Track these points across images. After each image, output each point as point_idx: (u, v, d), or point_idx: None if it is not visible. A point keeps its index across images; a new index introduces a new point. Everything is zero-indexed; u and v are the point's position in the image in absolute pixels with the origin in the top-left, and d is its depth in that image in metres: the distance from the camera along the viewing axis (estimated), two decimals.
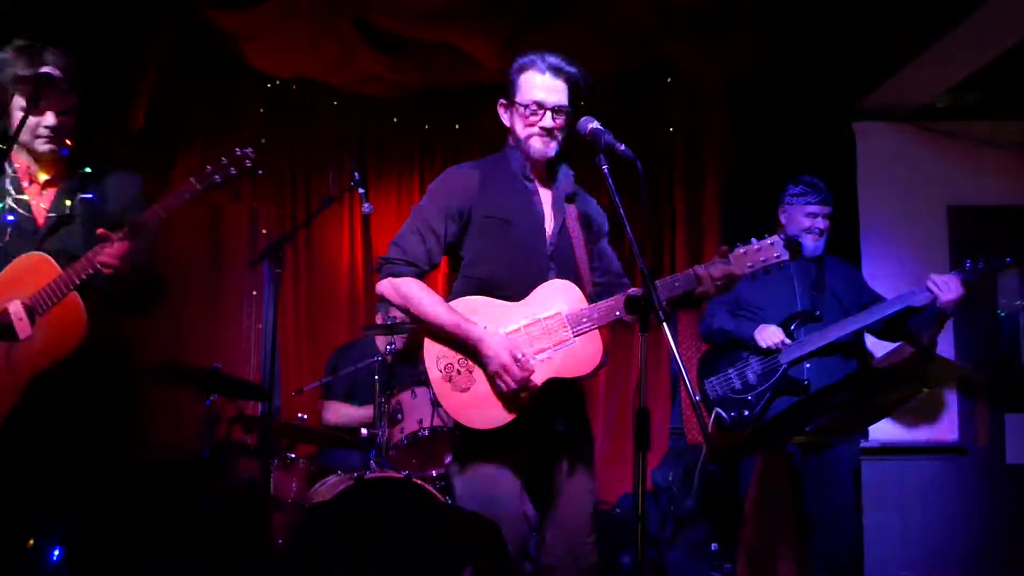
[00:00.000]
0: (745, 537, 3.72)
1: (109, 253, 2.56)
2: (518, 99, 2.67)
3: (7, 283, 2.60)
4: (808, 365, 3.74)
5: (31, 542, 2.78)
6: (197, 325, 5.29)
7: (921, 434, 4.77)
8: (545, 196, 2.72)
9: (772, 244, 2.55)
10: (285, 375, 5.46)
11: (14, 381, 2.55)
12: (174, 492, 4.02)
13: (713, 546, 4.53)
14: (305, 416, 4.41)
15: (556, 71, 2.63)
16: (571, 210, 2.72)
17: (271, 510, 3.92)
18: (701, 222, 5.35)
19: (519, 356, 2.50)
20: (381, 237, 5.76)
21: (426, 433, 4.13)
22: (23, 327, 2.56)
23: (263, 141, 3.84)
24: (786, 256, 2.55)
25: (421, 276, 2.66)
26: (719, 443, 3.79)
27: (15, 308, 2.57)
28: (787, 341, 3.73)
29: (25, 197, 2.71)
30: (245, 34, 4.94)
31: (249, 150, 2.67)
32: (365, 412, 4.73)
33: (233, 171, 2.65)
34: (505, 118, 2.74)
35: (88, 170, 2.79)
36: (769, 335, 3.75)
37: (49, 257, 2.61)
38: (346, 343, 5.25)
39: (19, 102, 2.65)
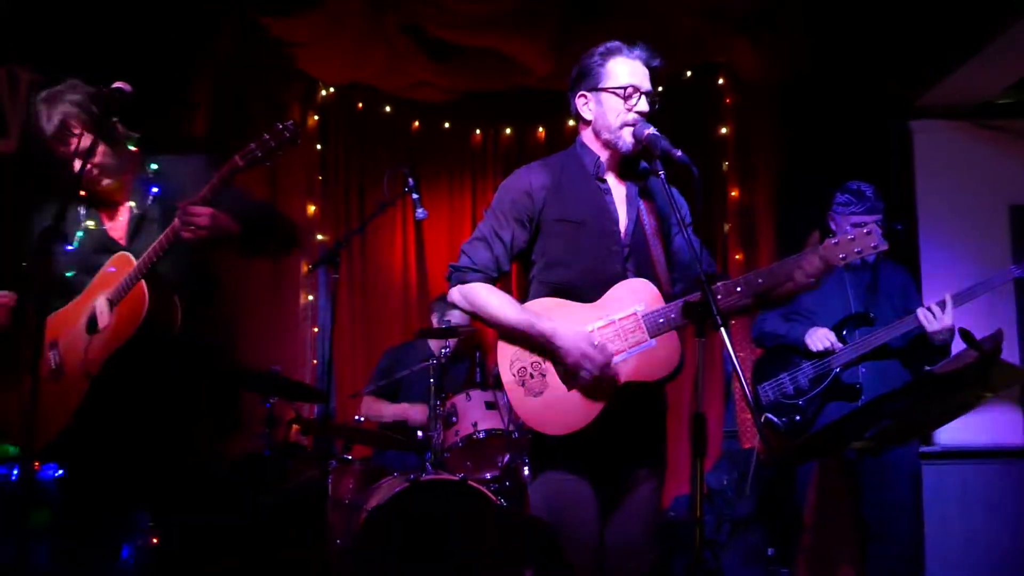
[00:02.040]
0: (805, 543, 3.68)
1: (184, 212, 2.60)
2: (608, 84, 2.55)
3: (98, 284, 2.76)
4: (863, 370, 3.70)
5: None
6: (255, 329, 5.39)
7: (984, 437, 4.68)
8: (619, 193, 2.62)
9: (869, 233, 2.40)
10: (340, 378, 5.54)
11: (88, 368, 2.69)
12: (238, 490, 4.10)
13: (769, 551, 4.49)
14: (361, 418, 4.48)
15: (644, 59, 2.57)
16: (645, 205, 2.62)
17: (329, 511, 3.99)
18: (754, 222, 5.30)
19: (595, 342, 2.43)
20: (433, 241, 5.84)
21: (481, 435, 4.16)
22: (103, 318, 2.70)
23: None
24: (885, 246, 2.40)
25: (491, 282, 2.60)
26: (775, 448, 3.76)
27: (100, 304, 2.71)
28: (838, 344, 3.69)
29: (92, 224, 2.81)
30: (297, 41, 5.04)
31: (290, 123, 2.63)
32: (398, 409, 4.77)
33: (273, 144, 2.61)
34: (586, 110, 2.62)
35: (155, 167, 2.85)
36: (820, 338, 3.71)
37: (130, 255, 2.72)
38: (396, 345, 5.32)
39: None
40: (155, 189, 2.78)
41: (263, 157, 2.61)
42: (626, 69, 2.56)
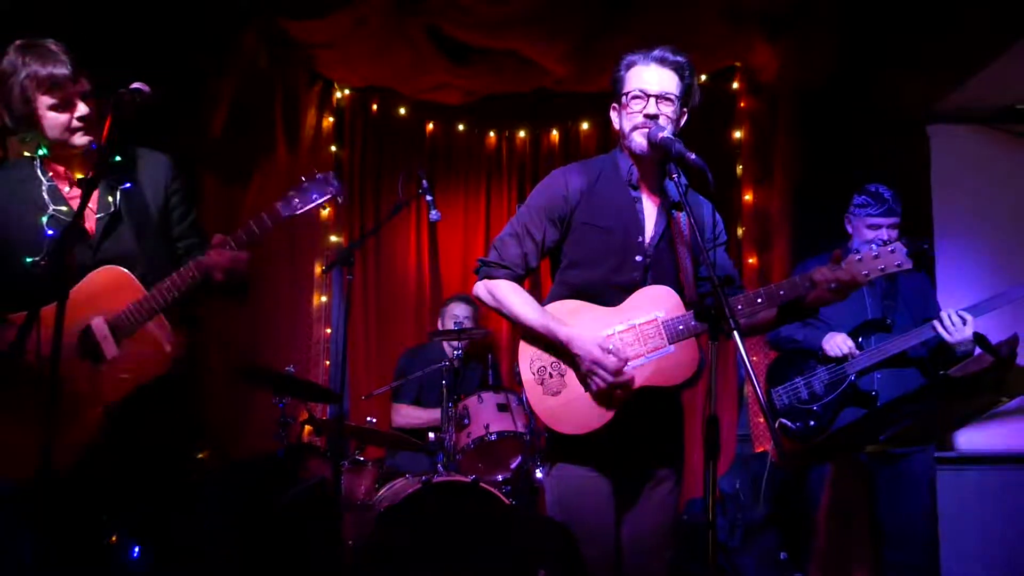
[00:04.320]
0: (818, 546, 3.67)
1: (220, 257, 2.46)
2: (623, 91, 2.63)
3: (86, 299, 2.42)
4: (879, 376, 3.68)
5: (113, 538, 2.81)
6: (269, 330, 5.42)
7: (1000, 443, 4.64)
8: (650, 204, 2.67)
9: (893, 251, 2.43)
10: (353, 379, 5.55)
11: (96, 404, 2.44)
12: (251, 490, 4.12)
13: (782, 555, 4.47)
14: (374, 420, 4.49)
15: (661, 61, 2.59)
16: (678, 217, 2.65)
17: (342, 511, 3.99)
18: (770, 225, 5.28)
19: (610, 347, 2.47)
20: (448, 243, 5.85)
21: (493, 438, 4.16)
22: (109, 347, 2.42)
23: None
24: (909, 265, 2.42)
25: (517, 279, 2.66)
26: (788, 451, 3.75)
27: (99, 325, 2.42)
28: (856, 351, 3.67)
29: (65, 208, 2.53)
30: (318, 43, 5.06)
31: (331, 175, 2.63)
32: (432, 415, 4.80)
33: (314, 196, 2.60)
34: (616, 120, 2.69)
35: (118, 158, 2.59)
36: (837, 344, 3.69)
37: (130, 273, 2.48)
38: (414, 346, 5.33)
39: (45, 101, 2.47)
40: (127, 184, 2.55)
41: (300, 206, 2.57)
42: (637, 75, 2.61)
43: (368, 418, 4.52)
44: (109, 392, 2.43)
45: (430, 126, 5.92)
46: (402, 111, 5.83)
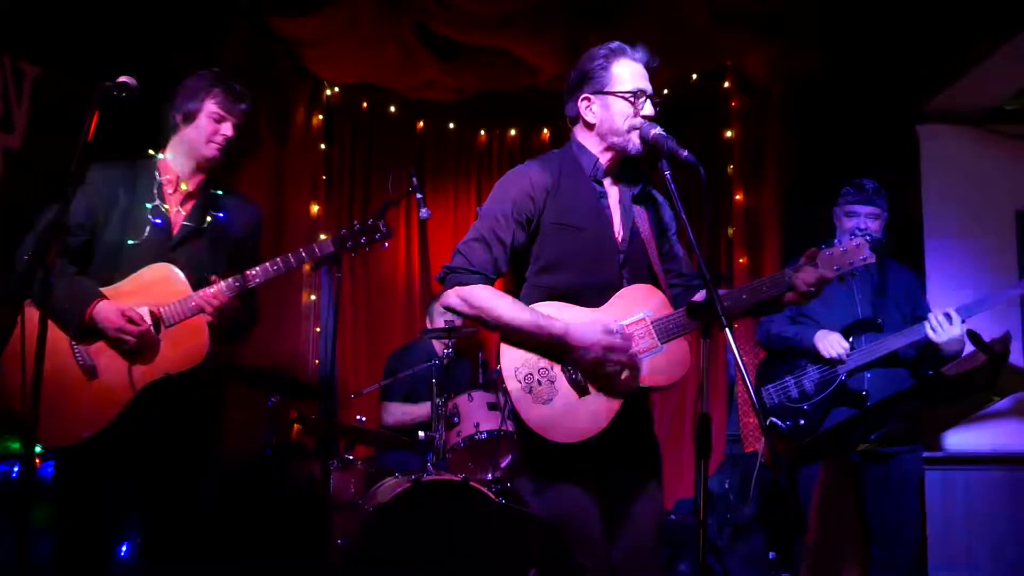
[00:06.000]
0: (809, 545, 3.67)
1: (210, 297, 2.73)
2: (616, 88, 2.52)
3: (137, 290, 2.72)
4: (869, 375, 3.68)
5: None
6: (258, 328, 5.37)
7: (989, 443, 4.66)
8: (614, 199, 2.59)
9: (858, 246, 2.54)
10: (343, 377, 5.53)
11: (131, 383, 2.69)
12: (240, 490, 4.09)
13: (771, 555, 4.47)
14: (364, 418, 4.47)
15: (645, 60, 2.55)
16: (641, 212, 2.59)
17: (331, 511, 3.97)
18: (760, 225, 5.28)
19: (613, 328, 2.39)
20: (437, 241, 5.84)
21: (483, 436, 4.15)
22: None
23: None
24: (872, 259, 2.55)
25: (489, 284, 2.50)
26: (779, 452, 3.74)
27: (143, 313, 2.69)
28: (849, 352, 3.66)
29: (166, 205, 2.85)
30: (307, 41, 5.04)
31: (382, 223, 2.91)
32: (423, 410, 4.78)
33: (363, 240, 2.90)
34: (590, 113, 2.56)
35: (220, 192, 2.97)
36: (832, 343, 3.68)
37: (180, 273, 2.75)
38: (403, 345, 5.31)
39: (211, 109, 2.88)
40: (221, 215, 2.91)
41: (352, 248, 2.92)
42: (632, 72, 2.54)
43: (358, 416, 4.50)
44: (144, 373, 2.70)
45: (420, 124, 5.91)
46: (392, 109, 5.82)
